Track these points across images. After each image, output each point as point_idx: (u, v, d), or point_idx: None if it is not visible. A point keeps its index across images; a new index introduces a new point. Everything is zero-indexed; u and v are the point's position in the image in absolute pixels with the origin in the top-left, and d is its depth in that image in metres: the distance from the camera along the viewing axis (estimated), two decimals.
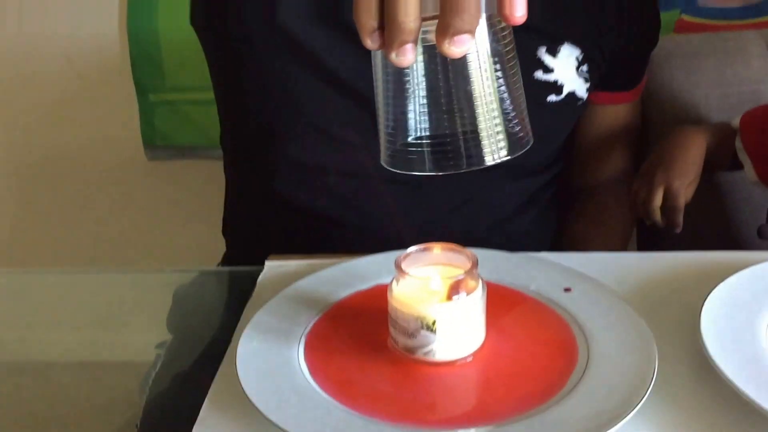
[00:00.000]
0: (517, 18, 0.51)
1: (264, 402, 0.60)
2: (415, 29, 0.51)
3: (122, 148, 1.61)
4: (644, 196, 0.97)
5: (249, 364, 0.64)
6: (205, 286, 0.92)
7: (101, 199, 1.67)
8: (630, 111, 1.06)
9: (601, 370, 0.62)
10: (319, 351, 0.67)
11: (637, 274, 0.78)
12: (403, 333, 0.64)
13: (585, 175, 1.08)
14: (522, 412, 0.59)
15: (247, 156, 0.99)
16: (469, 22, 0.50)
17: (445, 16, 0.50)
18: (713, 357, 0.62)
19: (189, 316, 0.87)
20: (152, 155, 1.61)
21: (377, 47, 0.53)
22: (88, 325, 0.88)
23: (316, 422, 0.58)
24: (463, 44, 0.51)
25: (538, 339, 0.67)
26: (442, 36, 0.51)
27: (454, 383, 0.63)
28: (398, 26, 0.51)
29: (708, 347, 0.63)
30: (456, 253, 0.66)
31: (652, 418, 0.60)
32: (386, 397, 0.62)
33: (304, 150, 0.93)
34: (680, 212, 0.95)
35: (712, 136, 0.98)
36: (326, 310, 0.72)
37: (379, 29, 0.52)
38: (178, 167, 1.61)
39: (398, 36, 0.51)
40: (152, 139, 1.59)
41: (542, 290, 0.73)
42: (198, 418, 0.61)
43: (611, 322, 0.68)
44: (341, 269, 0.78)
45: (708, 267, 0.78)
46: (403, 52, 0.52)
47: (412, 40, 0.52)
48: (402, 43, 0.51)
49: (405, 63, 0.52)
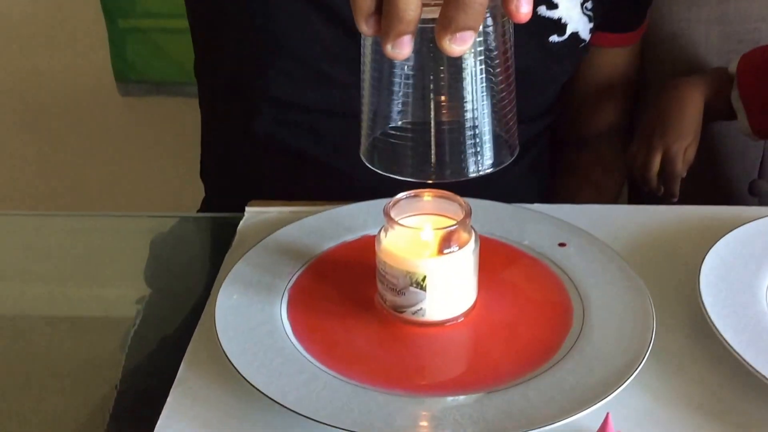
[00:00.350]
0: (522, 15, 0.48)
1: (245, 365, 0.57)
2: (416, 19, 0.47)
3: (93, 83, 1.55)
4: (641, 161, 0.94)
5: (228, 322, 0.61)
6: (184, 235, 0.88)
7: (71, 138, 1.61)
8: (629, 58, 1.02)
9: (597, 334, 0.60)
10: (302, 308, 0.63)
11: (632, 228, 0.75)
12: (392, 290, 0.60)
13: (579, 125, 1.05)
14: (514, 378, 0.56)
15: (224, 92, 0.94)
16: (474, 18, 0.47)
17: (449, 8, 0.47)
18: (714, 321, 0.60)
19: (167, 269, 0.83)
20: (125, 91, 1.55)
21: (372, 33, 0.49)
22: (61, 275, 0.85)
23: (300, 387, 0.55)
24: (466, 42, 0.47)
25: (531, 299, 0.65)
26: (443, 31, 0.47)
27: (444, 346, 0.60)
28: (397, 15, 0.47)
29: (708, 310, 0.61)
30: (448, 201, 0.63)
31: (648, 382, 0.58)
32: (373, 360, 0.59)
33: (288, 86, 0.87)
34: (678, 180, 0.93)
35: (709, 87, 0.95)
36: (310, 263, 0.69)
37: (376, 13, 0.48)
38: (153, 104, 1.55)
39: (396, 25, 0.47)
40: (125, 73, 1.53)
41: (536, 245, 0.70)
42: (175, 380, 0.58)
43: (607, 281, 0.65)
44: (326, 218, 0.74)
45: (706, 222, 0.75)
46: (400, 44, 0.48)
47: (411, 31, 0.48)
48: (399, 33, 0.48)
49: (401, 56, 0.49)
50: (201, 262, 0.82)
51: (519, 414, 0.52)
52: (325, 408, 0.53)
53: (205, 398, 0.57)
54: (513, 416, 0.52)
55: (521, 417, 0.52)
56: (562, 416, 0.52)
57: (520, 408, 0.53)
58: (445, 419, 0.52)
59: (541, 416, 0.52)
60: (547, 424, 0.51)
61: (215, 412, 0.56)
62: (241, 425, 0.55)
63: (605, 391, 0.54)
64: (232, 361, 0.57)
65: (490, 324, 0.62)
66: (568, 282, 0.66)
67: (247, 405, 0.56)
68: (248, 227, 0.77)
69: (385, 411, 0.53)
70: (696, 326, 0.63)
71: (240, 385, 0.56)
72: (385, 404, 0.54)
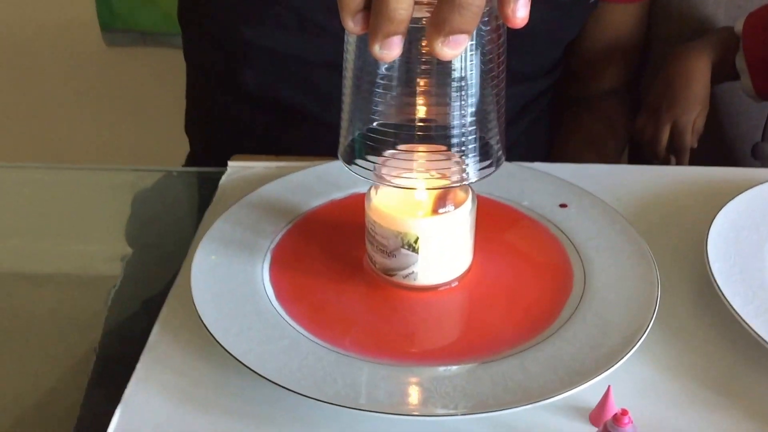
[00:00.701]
0: (518, 19, 0.45)
1: (222, 330, 0.53)
2: (407, 19, 0.44)
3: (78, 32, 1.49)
4: (650, 135, 0.92)
5: (205, 283, 0.57)
6: (167, 191, 0.83)
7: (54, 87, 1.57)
8: (637, 15, 0.98)
9: (599, 301, 0.56)
10: (285, 270, 0.60)
11: (637, 189, 0.71)
12: (382, 251, 0.57)
13: (582, 84, 1.01)
14: (510, 348, 0.52)
15: (211, 42, 0.89)
16: (469, 20, 0.44)
17: (443, 8, 0.44)
18: (721, 288, 0.57)
19: (149, 227, 0.79)
20: (111, 40, 1.50)
21: (360, 31, 0.46)
22: (43, 230, 0.81)
23: (279, 355, 0.51)
24: (459, 46, 0.44)
25: (530, 262, 0.61)
26: (436, 33, 0.44)
27: (436, 312, 0.57)
28: (387, 14, 0.43)
29: (715, 277, 0.58)
30: (444, 157, 0.58)
31: (652, 353, 0.54)
32: (360, 326, 0.55)
33: (281, 37, 0.83)
34: (688, 152, 0.91)
35: (715, 51, 0.93)
36: (296, 221, 0.65)
37: (365, 9, 0.45)
38: (139, 54, 1.50)
39: (385, 25, 0.44)
40: (110, 22, 1.49)
41: (536, 206, 0.66)
42: (146, 345, 0.55)
43: (610, 244, 0.62)
44: (314, 174, 0.70)
45: (714, 184, 0.71)
46: (389, 44, 0.45)
47: (402, 31, 0.45)
48: (389, 33, 0.44)
49: (389, 58, 0.45)
50: (184, 219, 0.78)
51: (515, 387, 0.49)
52: (306, 378, 0.49)
53: (177, 365, 0.53)
54: (508, 389, 0.49)
55: (517, 390, 0.49)
56: (560, 390, 0.48)
57: (517, 381, 0.49)
58: (435, 392, 0.49)
59: (538, 389, 0.49)
60: (545, 399, 0.48)
61: (188, 381, 0.52)
62: (216, 396, 0.51)
63: (607, 363, 0.50)
64: (207, 325, 0.53)
65: (485, 289, 0.58)
66: (568, 245, 0.62)
67: (222, 374, 0.52)
68: (231, 183, 0.73)
69: (370, 382, 0.49)
70: (702, 293, 0.59)
71: (216, 352, 0.52)
72: (371, 374, 0.50)
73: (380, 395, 0.48)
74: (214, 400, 0.51)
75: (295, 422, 0.49)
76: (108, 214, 0.82)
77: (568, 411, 0.50)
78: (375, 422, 0.49)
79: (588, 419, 0.49)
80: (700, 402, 0.51)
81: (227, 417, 0.50)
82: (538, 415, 0.49)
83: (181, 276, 0.61)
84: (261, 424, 0.49)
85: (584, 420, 0.49)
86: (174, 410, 0.50)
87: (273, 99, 0.87)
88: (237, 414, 0.50)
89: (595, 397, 0.49)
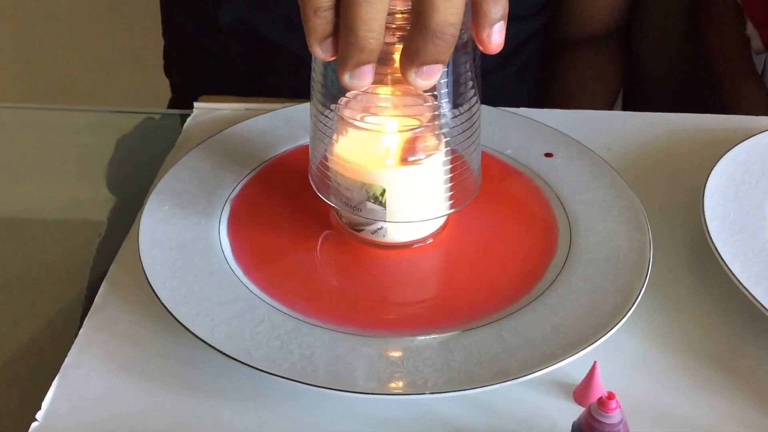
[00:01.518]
0: (493, 46, 0.44)
1: (168, 290, 0.48)
2: (377, 48, 0.42)
3: None
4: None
5: (155, 238, 0.52)
6: (147, 136, 0.78)
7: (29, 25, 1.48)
8: None
9: (586, 263, 0.51)
10: (245, 223, 0.54)
11: (628, 137, 0.66)
12: (346, 205, 0.51)
13: (574, 26, 0.95)
14: (487, 316, 0.48)
15: None
16: (444, 50, 0.42)
17: (415, 37, 0.42)
18: (719, 250, 0.52)
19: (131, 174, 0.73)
20: None
21: (330, 58, 0.44)
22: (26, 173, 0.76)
23: (232, 321, 0.46)
24: (433, 76, 0.43)
25: (512, 218, 0.56)
26: (409, 63, 0.43)
27: (410, 273, 0.52)
28: (356, 43, 0.42)
29: (713, 237, 0.53)
30: (415, 98, 0.52)
31: (642, 323, 0.50)
32: (326, 289, 0.50)
33: None
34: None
35: None
36: (259, 169, 0.59)
37: (334, 35, 0.43)
38: None
39: (355, 55, 0.42)
40: None
41: (518, 155, 0.61)
42: (91, 309, 0.50)
43: (599, 198, 0.57)
44: (282, 117, 0.65)
45: (712, 133, 0.66)
46: (360, 74, 0.43)
47: (373, 60, 0.43)
48: (359, 63, 0.42)
49: (360, 87, 0.44)
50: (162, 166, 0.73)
51: (490, 361, 0.44)
52: (259, 349, 0.44)
53: (123, 332, 0.48)
54: (483, 364, 0.44)
55: (493, 365, 0.44)
56: (541, 364, 0.44)
57: (493, 354, 0.45)
58: (402, 366, 0.44)
59: (516, 364, 0.44)
60: (524, 375, 0.43)
61: (135, 349, 0.47)
62: (164, 366, 0.46)
63: (594, 335, 0.46)
64: (152, 285, 0.48)
65: (461, 248, 0.53)
66: (553, 199, 0.57)
67: (172, 341, 0.48)
68: (196, 126, 0.67)
69: (329, 354, 0.44)
70: (699, 255, 0.55)
71: (166, 316, 0.47)
72: (331, 345, 0.45)
73: (339, 371, 0.43)
74: (163, 370, 0.46)
75: (247, 398, 0.45)
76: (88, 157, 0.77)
77: (551, 387, 0.46)
78: (333, 400, 0.44)
79: (572, 396, 0.45)
80: (696, 380, 0.46)
81: (176, 390, 0.45)
82: (517, 391, 0.45)
83: (133, 229, 0.56)
84: (210, 398, 0.45)
85: (569, 397, 0.45)
86: (117, 382, 0.46)
87: (253, 36, 0.81)
88: (186, 387, 0.45)
89: (581, 372, 0.45)
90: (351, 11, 0.41)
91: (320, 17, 0.42)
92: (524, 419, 0.44)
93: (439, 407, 0.44)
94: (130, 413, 0.44)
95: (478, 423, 0.44)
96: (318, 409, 0.44)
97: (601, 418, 0.39)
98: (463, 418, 0.44)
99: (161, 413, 0.44)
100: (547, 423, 0.44)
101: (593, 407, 0.39)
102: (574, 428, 0.41)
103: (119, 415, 0.44)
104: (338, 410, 0.44)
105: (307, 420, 0.44)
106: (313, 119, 0.51)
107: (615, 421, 0.38)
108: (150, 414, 0.44)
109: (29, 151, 0.78)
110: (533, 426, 0.43)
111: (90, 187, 0.75)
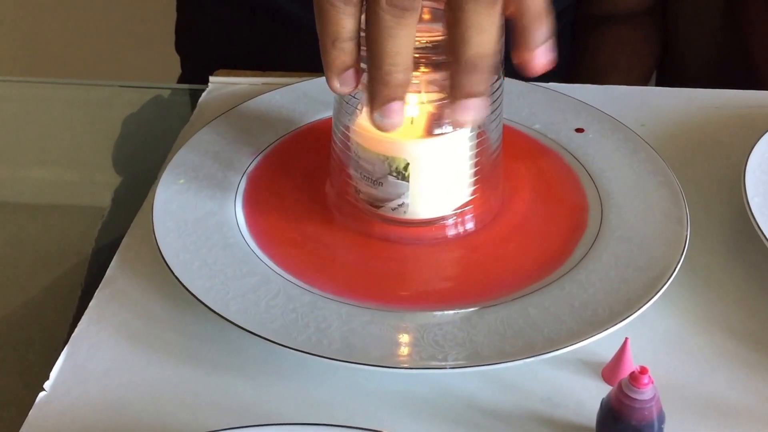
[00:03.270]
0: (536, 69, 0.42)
1: (182, 263, 0.46)
2: (406, 82, 0.40)
3: None
4: None
5: (169, 211, 0.50)
6: (156, 114, 0.76)
7: None
8: None
9: (617, 239, 0.49)
10: (261, 197, 0.53)
11: (664, 113, 0.63)
12: (368, 179, 0.49)
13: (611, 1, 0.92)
14: (512, 291, 0.45)
15: None
16: (480, 82, 0.40)
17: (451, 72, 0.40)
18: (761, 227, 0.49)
19: (137, 154, 0.72)
20: None
21: (347, 90, 0.42)
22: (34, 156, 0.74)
23: (246, 294, 0.45)
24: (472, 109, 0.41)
25: (540, 194, 0.53)
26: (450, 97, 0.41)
27: (431, 248, 0.49)
28: (381, 77, 0.39)
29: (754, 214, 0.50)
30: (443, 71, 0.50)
31: (677, 301, 0.47)
32: (341, 263, 0.48)
33: None
34: None
35: None
36: (276, 144, 0.58)
37: (354, 67, 0.41)
38: None
39: (380, 90, 0.40)
40: None
41: (548, 130, 0.58)
42: (103, 280, 0.48)
43: (632, 175, 0.54)
44: (301, 91, 0.63)
45: (753, 109, 0.63)
46: (389, 112, 0.40)
47: (401, 96, 0.40)
48: (386, 99, 0.40)
49: (391, 128, 0.41)
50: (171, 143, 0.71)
51: (515, 337, 0.42)
52: (274, 321, 0.43)
53: (134, 303, 0.47)
54: (508, 339, 0.42)
55: (518, 341, 0.42)
56: (568, 341, 0.42)
57: (518, 329, 0.43)
58: (422, 340, 0.42)
59: (542, 340, 0.42)
60: (550, 351, 0.41)
61: (145, 321, 0.46)
62: (175, 338, 0.45)
63: (624, 312, 0.43)
64: (165, 257, 0.46)
65: (486, 224, 0.51)
66: (584, 175, 0.55)
67: (184, 314, 0.46)
68: (211, 101, 0.66)
69: (346, 327, 0.42)
70: (738, 233, 0.52)
71: (178, 288, 0.45)
72: (348, 319, 0.43)
73: (356, 343, 0.41)
74: (174, 343, 0.45)
75: (259, 372, 0.43)
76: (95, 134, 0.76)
77: (576, 365, 0.43)
78: (348, 374, 0.42)
79: (600, 375, 0.43)
80: (731, 360, 0.44)
81: (185, 362, 0.44)
82: (541, 369, 0.43)
83: (146, 201, 0.54)
84: (222, 372, 0.43)
85: (596, 376, 0.43)
86: (127, 353, 0.44)
87: (267, 8, 0.79)
88: (197, 359, 0.44)
89: (609, 351, 0.43)
90: (374, 44, 0.39)
91: (338, 49, 0.40)
92: (548, 397, 0.42)
93: (458, 384, 0.42)
94: (139, 384, 0.42)
95: (499, 400, 0.41)
96: (330, 384, 0.42)
97: (632, 394, 0.36)
98: (484, 396, 0.42)
99: (170, 385, 0.42)
100: (572, 401, 0.41)
101: (624, 383, 0.37)
102: (602, 406, 0.38)
103: (128, 387, 0.42)
104: (352, 385, 0.42)
105: (319, 395, 0.42)
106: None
107: (647, 398, 0.36)
108: (159, 386, 0.42)
109: (32, 127, 0.77)
110: (558, 404, 0.41)
111: (95, 166, 0.74)
